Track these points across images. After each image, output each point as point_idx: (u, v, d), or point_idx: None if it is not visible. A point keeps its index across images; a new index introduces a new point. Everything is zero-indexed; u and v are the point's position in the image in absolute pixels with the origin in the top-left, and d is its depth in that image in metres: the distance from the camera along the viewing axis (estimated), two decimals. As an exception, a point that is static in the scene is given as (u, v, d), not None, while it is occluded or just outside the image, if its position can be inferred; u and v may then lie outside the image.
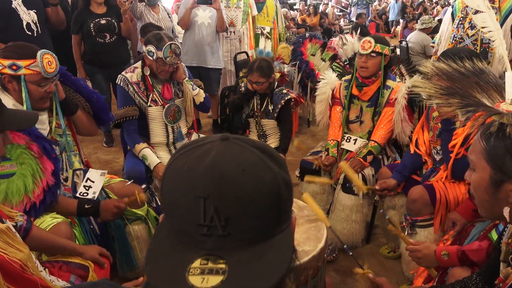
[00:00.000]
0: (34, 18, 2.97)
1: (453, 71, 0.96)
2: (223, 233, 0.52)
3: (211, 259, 0.52)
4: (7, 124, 1.14)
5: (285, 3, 10.65)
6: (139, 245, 2.04)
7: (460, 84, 0.94)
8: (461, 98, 0.92)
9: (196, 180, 0.53)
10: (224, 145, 0.57)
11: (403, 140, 2.40)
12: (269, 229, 0.55)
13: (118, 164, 3.53)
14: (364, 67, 2.30)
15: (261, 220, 0.54)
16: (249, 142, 0.58)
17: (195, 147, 0.58)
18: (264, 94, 2.66)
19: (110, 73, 3.60)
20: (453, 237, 1.76)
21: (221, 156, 0.54)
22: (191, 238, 0.54)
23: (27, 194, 1.50)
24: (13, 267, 1.02)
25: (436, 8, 11.92)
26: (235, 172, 0.53)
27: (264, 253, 0.53)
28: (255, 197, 0.53)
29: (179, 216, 0.55)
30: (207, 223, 0.52)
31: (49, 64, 1.65)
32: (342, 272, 2.24)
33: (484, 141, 0.90)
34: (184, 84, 2.40)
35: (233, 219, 0.52)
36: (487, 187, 0.90)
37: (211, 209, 0.52)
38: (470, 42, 2.90)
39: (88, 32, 3.42)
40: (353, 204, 2.24)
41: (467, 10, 2.91)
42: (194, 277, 0.51)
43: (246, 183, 0.53)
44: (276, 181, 0.55)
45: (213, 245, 0.53)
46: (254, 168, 0.54)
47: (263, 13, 4.49)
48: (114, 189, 1.98)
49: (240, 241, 0.53)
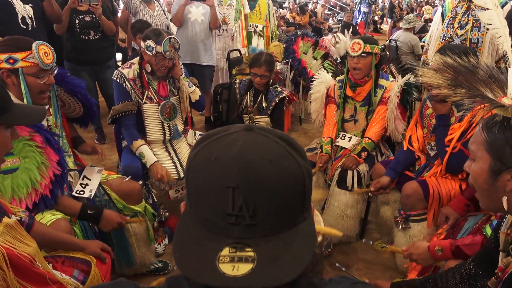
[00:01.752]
0: (29, 12, 2.95)
1: (458, 65, 1.00)
2: (251, 222, 0.53)
3: (239, 247, 0.53)
4: (16, 120, 1.14)
5: (275, 2, 10.68)
6: (136, 241, 2.05)
7: (464, 77, 0.98)
8: (468, 89, 0.96)
9: (224, 170, 0.54)
10: (249, 135, 0.57)
11: (396, 138, 2.45)
12: (294, 217, 0.57)
13: (110, 161, 3.51)
14: (357, 69, 2.34)
15: (287, 209, 0.56)
16: (272, 133, 0.59)
17: (220, 137, 0.58)
18: (259, 90, 2.69)
19: (95, 70, 3.59)
20: (446, 231, 1.81)
21: (247, 147, 0.55)
22: (219, 226, 0.55)
23: (34, 187, 1.50)
24: (23, 261, 1.02)
25: (424, 8, 12.09)
26: (263, 162, 0.54)
27: (291, 242, 0.55)
28: (282, 187, 0.55)
29: (206, 205, 0.56)
30: (236, 213, 0.53)
31: (46, 55, 1.65)
32: (336, 266, 2.28)
33: (485, 133, 0.94)
34: (181, 81, 2.40)
35: (260, 208, 0.53)
36: (486, 177, 0.94)
37: (240, 199, 0.53)
38: (459, 41, 2.97)
39: (72, 28, 3.39)
40: (348, 200, 2.28)
41: (457, 10, 2.99)
42: (224, 265, 0.52)
43: (273, 173, 0.54)
44: (300, 171, 0.57)
45: (240, 233, 0.54)
46: (280, 158, 0.56)
47: (256, 11, 4.51)
48: (112, 186, 1.98)
49: (267, 229, 0.54)
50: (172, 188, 2.38)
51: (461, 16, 2.94)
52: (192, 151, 0.61)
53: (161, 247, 2.37)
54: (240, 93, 2.81)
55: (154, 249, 2.26)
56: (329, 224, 2.27)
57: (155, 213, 2.25)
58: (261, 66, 2.62)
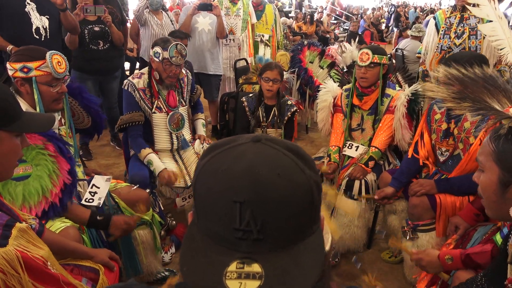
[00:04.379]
0: (45, 23, 3.00)
1: (463, 76, 1.00)
2: (258, 236, 0.52)
3: (246, 262, 0.52)
4: (26, 127, 1.16)
5: (281, 11, 10.76)
6: (144, 250, 2.05)
7: (471, 89, 0.98)
8: (472, 102, 0.96)
9: (232, 184, 0.53)
10: (257, 147, 0.57)
11: (403, 147, 2.44)
12: (302, 231, 0.56)
13: (118, 170, 3.54)
14: (364, 78, 2.35)
15: (295, 223, 0.55)
16: (280, 143, 0.58)
17: (228, 148, 0.57)
18: (269, 105, 2.70)
19: (101, 80, 3.62)
20: (456, 241, 1.79)
21: (256, 159, 0.55)
22: (226, 240, 0.54)
23: (44, 195, 1.52)
24: (36, 263, 1.04)
25: (428, 17, 12.11)
26: (271, 176, 0.53)
27: (299, 257, 0.54)
28: (290, 201, 0.54)
29: (214, 218, 0.55)
30: (243, 228, 0.52)
31: (59, 64, 1.70)
32: (344, 276, 2.27)
33: (493, 144, 0.93)
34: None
35: (268, 223, 0.53)
36: (496, 188, 0.94)
37: (247, 214, 0.52)
38: (458, 50, 3.00)
39: (81, 38, 3.43)
40: (355, 209, 2.27)
41: (450, 21, 3.06)
42: (231, 281, 0.51)
43: (281, 187, 0.53)
44: (309, 184, 0.56)
45: (248, 248, 0.53)
46: (288, 171, 0.55)
47: (262, 21, 4.56)
48: (121, 194, 1.99)
49: (274, 244, 0.54)
50: (179, 197, 2.39)
51: (456, 26, 3.00)
52: (200, 161, 0.60)
53: (168, 255, 2.38)
54: (250, 111, 2.75)
55: (161, 258, 2.26)
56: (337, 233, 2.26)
57: (162, 221, 2.26)
58: (273, 69, 2.63)
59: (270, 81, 2.63)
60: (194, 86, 2.66)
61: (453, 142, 2.01)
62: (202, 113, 2.80)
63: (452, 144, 2.02)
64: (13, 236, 1.02)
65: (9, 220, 1.04)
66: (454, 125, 2.00)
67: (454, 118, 2.00)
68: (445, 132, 2.03)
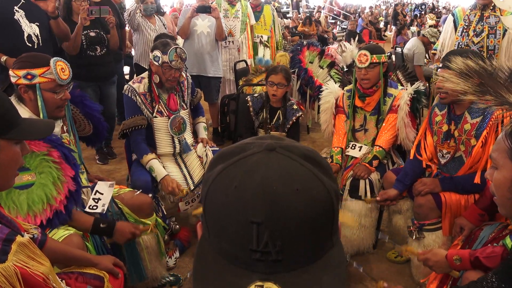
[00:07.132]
0: (36, 30, 2.94)
1: (480, 69, 0.97)
2: (277, 258, 0.49)
3: (264, 285, 0.49)
4: (25, 134, 1.14)
5: (279, 12, 10.76)
6: (148, 255, 2.04)
7: (488, 83, 0.94)
8: (495, 96, 0.93)
9: (246, 202, 0.49)
10: (271, 157, 0.52)
11: (408, 146, 2.42)
12: (322, 246, 0.53)
13: (120, 174, 3.52)
14: (365, 79, 2.33)
15: (315, 239, 0.52)
16: (296, 152, 0.53)
17: (239, 160, 0.53)
18: (274, 107, 2.67)
19: (99, 86, 3.56)
20: (462, 241, 1.78)
21: (271, 173, 0.50)
22: (241, 261, 0.51)
23: (49, 202, 1.50)
24: (36, 280, 1.01)
25: (427, 15, 12.11)
26: (289, 192, 0.49)
27: (321, 276, 0.51)
28: (311, 218, 0.50)
29: (228, 237, 0.51)
30: (261, 249, 0.49)
31: (63, 71, 1.70)
32: (348, 277, 2.25)
33: (509, 140, 0.91)
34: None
35: (287, 243, 0.49)
36: (510, 186, 0.91)
37: (265, 235, 0.48)
38: (476, 49, 2.97)
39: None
40: (361, 209, 2.26)
41: (470, 18, 3.02)
42: None
43: (301, 204, 0.50)
44: (329, 196, 0.52)
45: (266, 269, 0.50)
46: (307, 185, 0.51)
47: (261, 22, 4.55)
48: (124, 200, 1.98)
49: (294, 263, 0.50)
50: (182, 201, 2.37)
51: (475, 24, 2.96)
52: (208, 173, 0.56)
53: (172, 260, 2.36)
54: (254, 111, 2.71)
55: (165, 263, 2.24)
56: (344, 235, 2.24)
57: (166, 226, 2.24)
58: (278, 73, 2.56)
59: (274, 85, 2.57)
60: (195, 90, 2.65)
61: (454, 144, 2.00)
62: (204, 116, 2.78)
63: (453, 146, 2.00)
64: (12, 251, 0.99)
65: (10, 234, 1.02)
66: (454, 126, 1.99)
67: (454, 120, 1.98)
68: (446, 134, 2.02)
